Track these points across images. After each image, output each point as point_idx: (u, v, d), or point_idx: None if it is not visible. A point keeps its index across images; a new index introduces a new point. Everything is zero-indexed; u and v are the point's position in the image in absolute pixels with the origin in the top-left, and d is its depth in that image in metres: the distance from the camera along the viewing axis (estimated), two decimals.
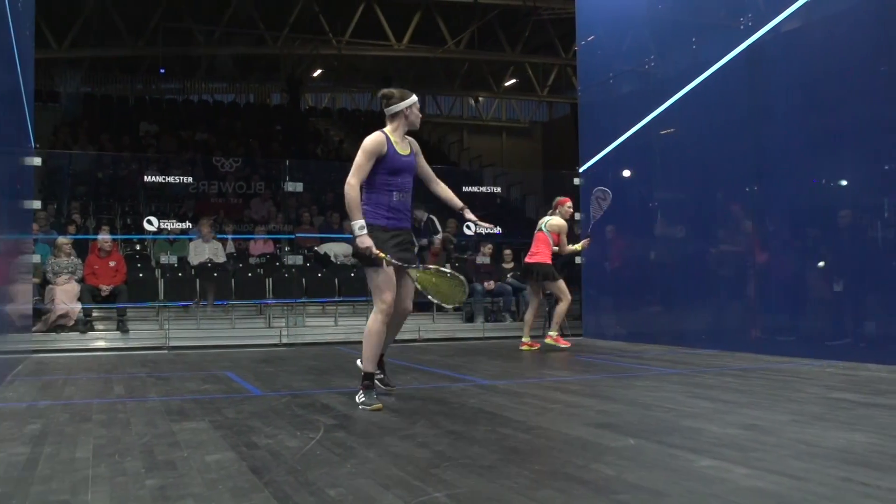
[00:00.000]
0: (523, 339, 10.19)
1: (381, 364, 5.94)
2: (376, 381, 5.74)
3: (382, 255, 5.43)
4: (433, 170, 6.05)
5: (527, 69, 33.18)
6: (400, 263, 5.55)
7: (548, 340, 10.11)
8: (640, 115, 10.97)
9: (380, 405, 5.30)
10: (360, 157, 5.53)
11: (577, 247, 10.11)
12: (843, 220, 8.40)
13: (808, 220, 8.82)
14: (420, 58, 30.47)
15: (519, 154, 34.47)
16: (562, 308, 9.98)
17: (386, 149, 5.57)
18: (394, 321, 5.79)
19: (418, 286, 5.64)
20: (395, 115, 5.70)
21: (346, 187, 5.46)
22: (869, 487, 3.19)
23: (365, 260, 5.50)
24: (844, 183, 8.67)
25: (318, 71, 31.53)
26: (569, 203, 10.14)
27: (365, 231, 5.42)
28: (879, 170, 8.11)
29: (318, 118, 30.00)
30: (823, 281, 8.71)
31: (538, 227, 10.10)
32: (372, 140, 5.56)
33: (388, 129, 5.70)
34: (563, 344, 10.05)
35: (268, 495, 3.16)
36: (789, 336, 8.84)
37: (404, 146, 5.73)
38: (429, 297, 5.61)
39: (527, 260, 10.19)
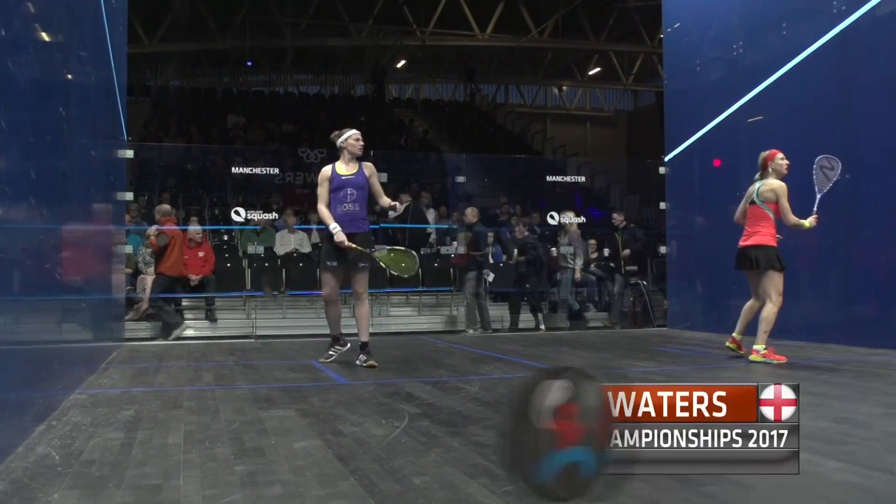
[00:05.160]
0: (734, 335, 7.85)
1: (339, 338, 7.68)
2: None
3: (353, 245, 7.02)
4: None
5: (611, 57, 32.82)
6: (355, 246, 7.04)
7: (754, 357, 7.39)
8: (728, 104, 10.72)
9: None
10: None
11: (805, 222, 7.54)
12: None
13: None
14: (503, 47, 30.39)
15: (603, 143, 34.16)
16: (770, 312, 7.44)
17: (330, 173, 7.23)
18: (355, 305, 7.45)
19: (382, 264, 7.27)
20: (339, 149, 7.37)
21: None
22: None
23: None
24: None
25: (402, 62, 31.69)
26: (780, 155, 7.70)
27: (338, 229, 7.03)
28: None
29: (402, 109, 30.17)
30: None
31: (749, 199, 7.80)
32: (321, 172, 7.37)
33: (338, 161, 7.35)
34: (777, 358, 7.34)
35: (354, 483, 3.20)
36: (881, 328, 8.57)
37: (349, 168, 7.26)
38: (391, 271, 7.38)
39: (742, 243, 7.82)
